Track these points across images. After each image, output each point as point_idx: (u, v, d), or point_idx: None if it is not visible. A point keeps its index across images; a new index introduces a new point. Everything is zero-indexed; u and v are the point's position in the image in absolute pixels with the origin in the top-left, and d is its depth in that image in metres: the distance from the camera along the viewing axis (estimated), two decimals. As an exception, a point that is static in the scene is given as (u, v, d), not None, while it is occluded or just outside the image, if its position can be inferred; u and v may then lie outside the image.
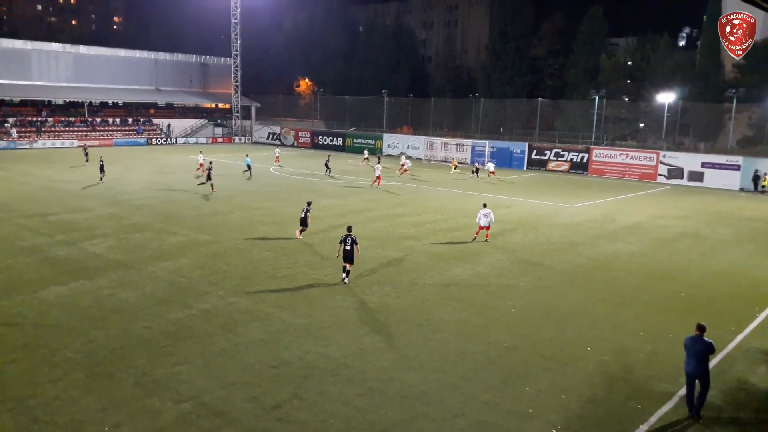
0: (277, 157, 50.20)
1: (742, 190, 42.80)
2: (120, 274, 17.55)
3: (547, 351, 13.12)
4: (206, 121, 77.80)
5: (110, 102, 72.76)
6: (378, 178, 37.98)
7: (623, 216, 30.43)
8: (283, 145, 70.82)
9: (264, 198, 32.16)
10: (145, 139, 68.47)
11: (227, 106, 79.77)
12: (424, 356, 12.57)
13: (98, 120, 69.27)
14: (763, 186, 42.26)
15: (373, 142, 64.63)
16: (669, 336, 14.24)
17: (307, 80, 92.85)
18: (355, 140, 66.50)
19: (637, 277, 19.19)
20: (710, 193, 41.54)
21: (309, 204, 23.15)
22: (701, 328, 10.62)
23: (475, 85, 77.11)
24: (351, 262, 17.37)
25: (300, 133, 72.02)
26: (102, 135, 66.54)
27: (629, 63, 65.14)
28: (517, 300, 16.49)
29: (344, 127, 73.82)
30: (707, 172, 45.10)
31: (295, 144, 70.89)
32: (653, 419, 10.41)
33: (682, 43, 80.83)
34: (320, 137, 69.83)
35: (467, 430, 9.84)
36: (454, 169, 50.18)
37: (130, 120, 71.56)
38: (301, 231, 22.83)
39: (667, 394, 11.33)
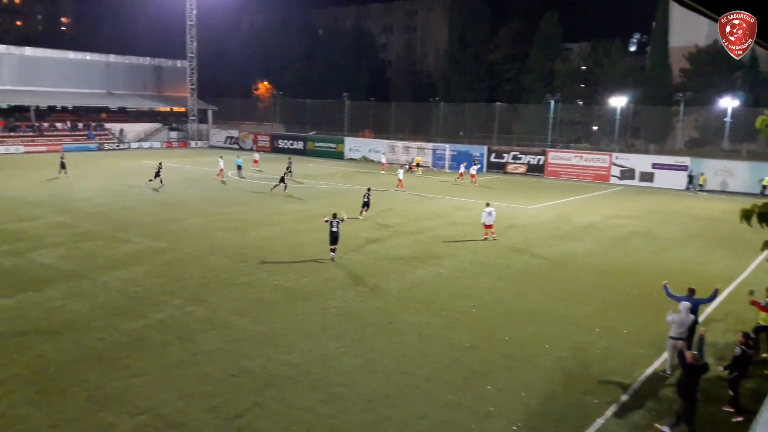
0: (256, 161, 49.43)
1: (689, 189, 44.30)
2: (71, 285, 17.02)
3: (507, 350, 13.33)
4: (161, 125, 76.25)
5: (59, 106, 70.47)
6: (399, 181, 39.21)
7: (578, 216, 31.13)
8: (241, 149, 70.04)
9: (222, 203, 31.71)
10: (97, 145, 66.67)
11: (183, 109, 78.36)
12: (387, 359, 12.60)
13: (46, 125, 67.13)
14: (700, 185, 43.82)
15: (335, 145, 64.49)
16: (623, 332, 14.64)
17: (266, 83, 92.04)
18: (316, 144, 66.23)
19: (592, 276, 19.67)
20: (660, 193, 42.86)
21: (369, 190, 28.32)
22: (692, 291, 13.02)
23: (435, 89, 77.82)
24: (336, 243, 20.11)
25: (259, 136, 71.34)
26: (50, 140, 64.49)
27: (583, 68, 66.78)
28: (478, 300, 16.69)
29: (305, 130, 73.44)
30: (657, 172, 46.58)
31: (254, 148, 70.15)
32: (609, 412, 10.69)
33: (632, 48, 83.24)
34: (280, 141, 69.32)
35: (430, 431, 9.91)
36: (417, 168, 50.56)
37: (80, 125, 69.54)
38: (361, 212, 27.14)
39: (622, 388, 11.65)
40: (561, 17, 67.95)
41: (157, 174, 36.62)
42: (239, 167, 44.43)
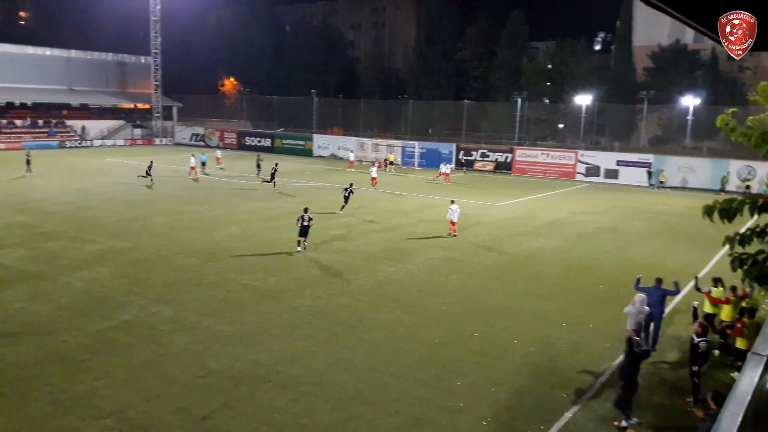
0: (218, 158, 48.89)
1: (658, 186, 45.25)
2: (32, 286, 16.58)
3: (476, 345, 13.45)
4: (124, 122, 74.78)
5: (17, 102, 68.57)
6: (373, 179, 38.55)
7: (545, 213, 31.57)
8: (207, 146, 69.15)
9: (188, 202, 31.27)
10: (58, 142, 65.07)
11: (147, 106, 76.97)
12: (357, 357, 12.60)
13: (4, 122, 65.22)
14: (661, 182, 44.86)
15: (303, 142, 64.13)
16: (590, 326, 14.91)
17: (232, 80, 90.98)
18: (284, 141, 65.76)
19: (559, 271, 19.98)
20: (625, 190, 43.74)
21: (351, 185, 27.45)
22: (659, 280, 13.77)
23: (403, 87, 77.95)
24: (305, 236, 21.20)
25: (225, 133, 70.51)
26: (9, 138, 62.70)
27: (549, 66, 67.67)
28: (448, 297, 16.80)
29: (272, 127, 72.84)
30: (622, 169, 47.50)
31: (221, 145, 69.33)
32: (577, 406, 10.88)
33: (597, 47, 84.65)
34: (247, 138, 68.60)
35: (401, 428, 9.94)
36: (390, 166, 50.70)
37: (40, 122, 67.78)
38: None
39: (589, 381, 11.87)
40: (527, 16, 68.73)
41: (148, 171, 36.69)
42: (203, 164, 44.46)
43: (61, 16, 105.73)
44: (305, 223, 21.07)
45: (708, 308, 14.18)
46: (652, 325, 13.63)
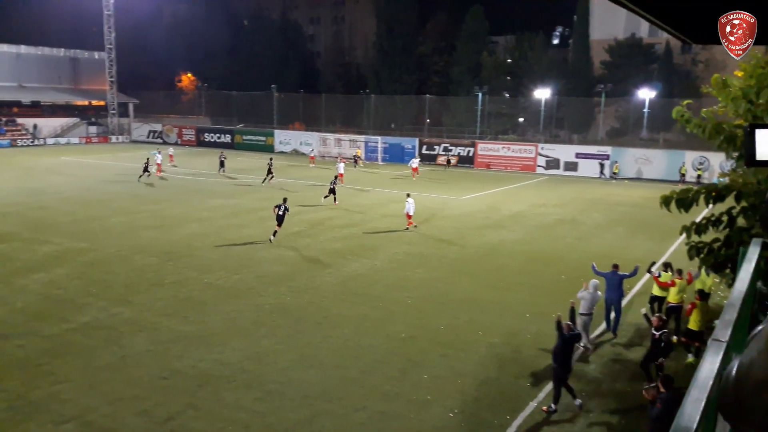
0: (171, 156, 47.77)
1: (611, 177, 46.24)
2: (-15, 289, 16.04)
3: (442, 338, 13.56)
4: (79, 119, 72.70)
5: (-36, 100, 66.14)
6: (340, 175, 37.15)
7: (507, 206, 31.98)
8: (165, 143, 67.83)
9: (146, 200, 30.62)
10: (9, 141, 62.90)
11: (102, 103, 74.95)
12: (323, 354, 12.55)
13: (-49, 120, 62.80)
14: (614, 173, 45.90)
15: (264, 138, 63.45)
16: (552, 316, 15.09)
17: (189, 75, 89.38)
18: (244, 137, 64.94)
19: (521, 263, 20.28)
20: (584, 182, 44.60)
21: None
22: (616, 266, 14.36)
23: (365, 81, 77.80)
24: (280, 225, 21.79)
25: (184, 130, 69.25)
26: (-43, 137, 60.39)
27: (509, 60, 68.44)
28: (413, 291, 16.88)
29: (232, 123, 71.83)
30: (581, 162, 48.38)
31: (179, 142, 68.09)
32: (541, 395, 11.07)
33: (555, 41, 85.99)
34: (206, 134, 67.51)
35: (368, 423, 9.95)
36: (359, 161, 50.67)
37: (-11, 120, 65.46)
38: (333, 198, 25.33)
39: (552, 371, 12.05)
40: (486, 10, 69.26)
41: (146, 169, 37.08)
42: (157, 163, 43.07)
43: (10, 10, 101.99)
44: (280, 212, 21.88)
45: (656, 291, 14.66)
46: (613, 311, 14.18)
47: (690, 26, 4.62)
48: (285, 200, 22.51)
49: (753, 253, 3.23)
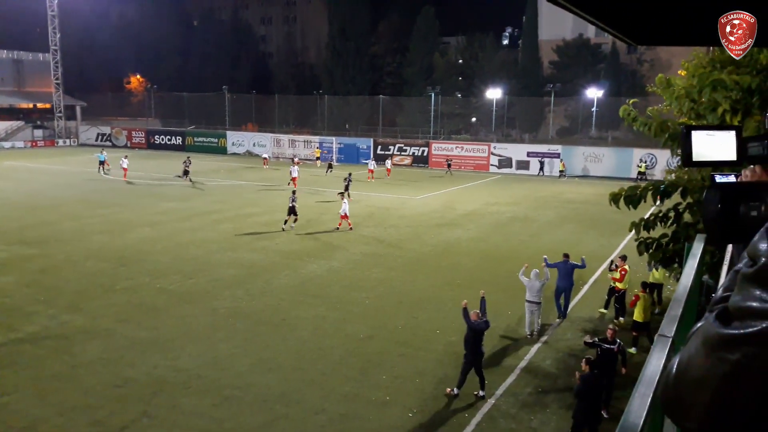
0: (126, 170, 45.89)
1: (560, 175, 47.17)
2: (-76, 301, 15.29)
3: (401, 337, 13.61)
4: (23, 123, 70.01)
5: None
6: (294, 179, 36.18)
7: (461, 204, 32.34)
8: (114, 146, 66.05)
9: (97, 205, 29.73)
10: (-53, 145, 60.13)
11: (48, 105, 72.39)
12: (282, 357, 12.44)
13: None
14: (561, 171, 46.91)
15: (216, 140, 62.45)
16: (508, 313, 15.42)
17: (138, 77, 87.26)
18: (196, 139, 63.77)
19: (476, 260, 20.55)
20: (535, 180, 45.48)
21: (350, 174, 26.57)
22: (567, 255, 15.27)
23: (318, 82, 77.47)
24: (291, 214, 24.06)
25: (133, 133, 67.56)
26: None
27: (460, 61, 69.25)
28: (371, 291, 16.89)
29: (183, 125, 70.48)
30: (532, 160, 49.29)
31: (128, 145, 66.41)
32: (499, 391, 11.24)
33: (505, 41, 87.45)
34: (156, 137, 66.00)
35: (328, 426, 9.91)
36: (317, 160, 50.54)
37: (-75, 124, 62.38)
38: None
39: (509, 367, 12.28)
40: (437, 11, 69.90)
41: (186, 172, 37.59)
42: (101, 163, 42.01)
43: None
44: (291, 204, 24.27)
45: (621, 285, 15.04)
46: (563, 297, 15.17)
47: (633, 28, 4.76)
48: (294, 192, 25.39)
49: (697, 249, 3.34)
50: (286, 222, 24.32)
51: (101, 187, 36.29)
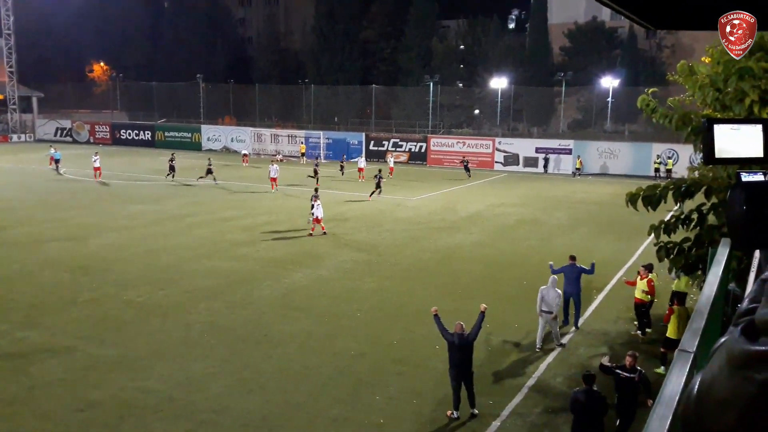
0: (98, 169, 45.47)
1: (574, 174, 47.40)
2: None
3: (396, 354, 13.62)
4: (-27, 116, 69.80)
5: None
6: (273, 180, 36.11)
7: (463, 206, 32.43)
8: (75, 141, 65.85)
9: (55, 208, 29.63)
10: None
11: (1, 97, 72.18)
12: (264, 377, 12.43)
13: None
14: (578, 169, 47.14)
15: (190, 135, 62.37)
16: (515, 326, 15.46)
17: (102, 64, 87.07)
18: (167, 134, 63.67)
19: (480, 268, 20.60)
20: (545, 179, 45.65)
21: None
22: (573, 258, 15.59)
23: (303, 70, 77.49)
24: (380, 189, 30.11)
25: (97, 127, 67.44)
26: None
27: (461, 47, 69.40)
28: (363, 303, 16.90)
29: (152, 118, 70.35)
30: (541, 157, 49.45)
31: (92, 140, 66.24)
32: (505, 413, 11.26)
33: (511, 25, 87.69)
34: (123, 131, 65.92)
35: (316, 453, 9.90)
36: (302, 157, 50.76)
37: None
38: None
39: (516, 386, 12.30)
40: (436, -9, 70.10)
41: (209, 171, 37.84)
42: (57, 161, 42.16)
43: None
44: (377, 181, 29.14)
45: (642, 297, 15.04)
46: (572, 305, 15.48)
47: (651, 10, 4.79)
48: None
49: (722, 254, 3.35)
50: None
51: (61, 188, 36.18)
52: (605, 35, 64.84)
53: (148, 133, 64.64)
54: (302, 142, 55.83)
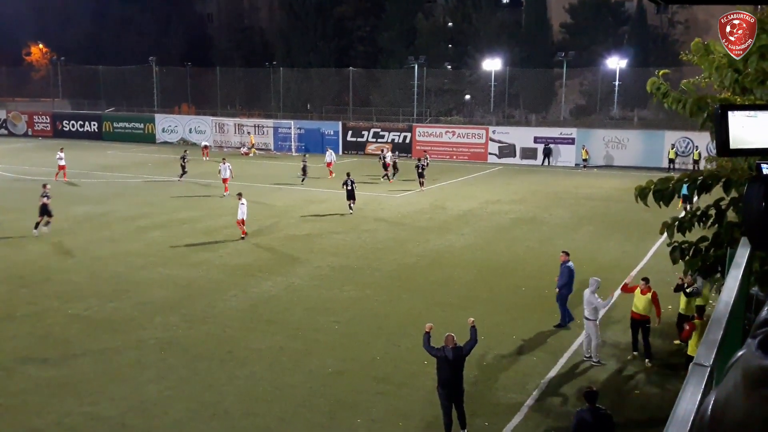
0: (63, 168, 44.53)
1: (577, 166, 47.69)
2: None
3: (379, 371, 13.63)
4: None
5: None
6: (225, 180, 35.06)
7: (454, 203, 32.52)
8: (11, 134, 65.15)
9: (-12, 210, 29.34)
10: None
11: None
12: (229, 399, 12.39)
13: None
14: (585, 160, 47.48)
15: (142, 125, 61.96)
16: (512, 337, 15.53)
17: (41, 46, 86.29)
18: (116, 125, 63.19)
19: (473, 273, 20.67)
20: (545, 172, 45.87)
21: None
22: (565, 253, 16.97)
23: (271, 51, 77.15)
24: (353, 199, 28.88)
25: (35, 117, 66.79)
26: None
27: (450, 24, 69.47)
28: (342, 314, 16.90)
29: (99, 107, 69.80)
30: (540, 148, 49.65)
31: (30, 133, 65.58)
32: (503, 437, 11.31)
33: (506, 0, 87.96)
34: (65, 122, 65.39)
35: (289, 485, 9.88)
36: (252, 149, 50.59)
37: None
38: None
39: (515, 405, 12.35)
40: (420, -38, 70.12)
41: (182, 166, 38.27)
42: None
43: None
44: (349, 188, 28.48)
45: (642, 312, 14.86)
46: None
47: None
48: (349, 174, 29.09)
49: (741, 256, 3.35)
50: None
51: (-6, 187, 35.75)
52: (611, 10, 65.16)
53: (94, 124, 64.12)
54: (249, 132, 55.61)
